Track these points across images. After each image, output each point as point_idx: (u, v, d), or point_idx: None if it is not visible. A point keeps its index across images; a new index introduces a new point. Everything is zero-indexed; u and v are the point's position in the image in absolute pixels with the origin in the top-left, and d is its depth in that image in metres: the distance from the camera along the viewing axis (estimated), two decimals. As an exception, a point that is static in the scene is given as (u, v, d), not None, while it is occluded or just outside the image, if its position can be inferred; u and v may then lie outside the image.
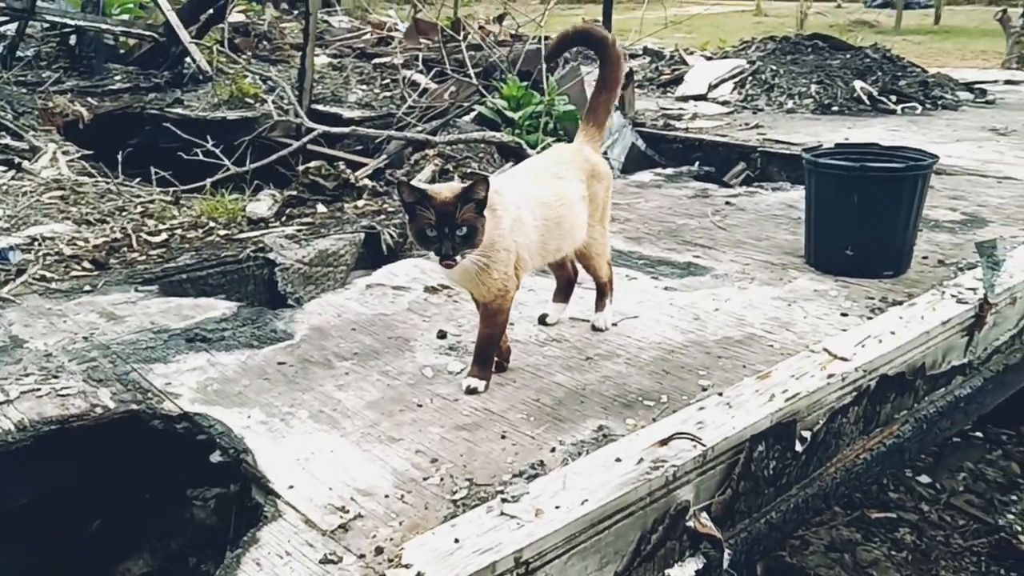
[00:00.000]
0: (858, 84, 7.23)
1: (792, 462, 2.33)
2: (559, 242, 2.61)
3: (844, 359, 2.54)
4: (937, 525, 4.44)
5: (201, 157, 5.37)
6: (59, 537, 2.99)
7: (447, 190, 2.23)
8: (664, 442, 2.11)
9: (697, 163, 5.64)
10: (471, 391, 2.47)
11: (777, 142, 5.71)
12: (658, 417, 2.32)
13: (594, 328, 2.91)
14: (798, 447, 2.33)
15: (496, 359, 2.57)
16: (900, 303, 3.01)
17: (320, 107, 7.24)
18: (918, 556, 4.20)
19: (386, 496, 2.01)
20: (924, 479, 4.79)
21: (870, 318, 2.92)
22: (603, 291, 2.93)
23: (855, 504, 4.55)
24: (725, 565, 2.08)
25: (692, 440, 2.10)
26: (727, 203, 4.55)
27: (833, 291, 3.20)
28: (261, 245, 3.70)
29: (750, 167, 5.53)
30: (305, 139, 5.80)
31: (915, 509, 4.56)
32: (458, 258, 2.24)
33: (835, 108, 7.12)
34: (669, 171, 5.47)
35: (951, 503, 4.60)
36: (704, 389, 2.48)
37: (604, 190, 2.76)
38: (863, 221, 3.28)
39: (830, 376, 2.44)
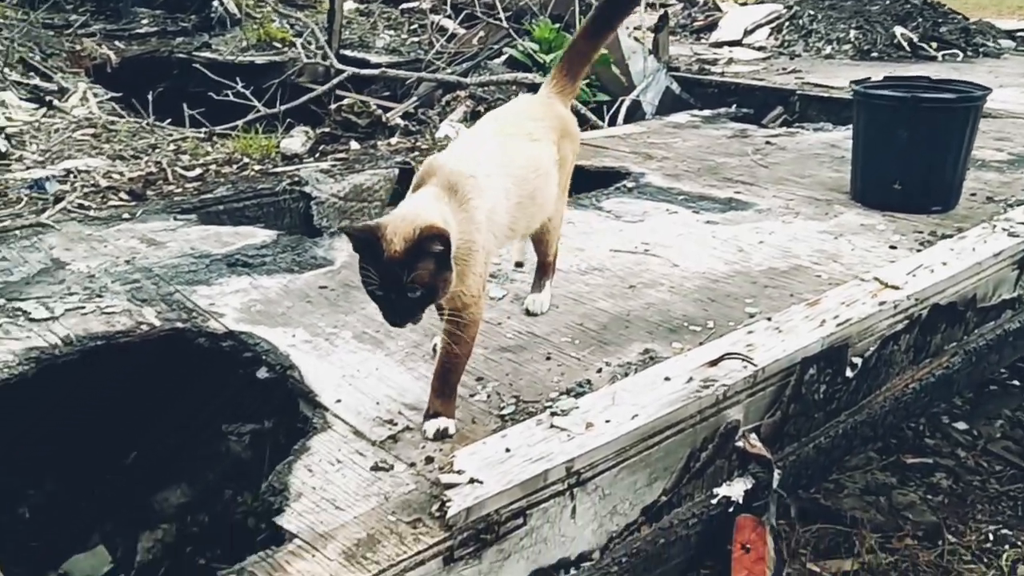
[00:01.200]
0: (898, 30, 7.06)
1: (842, 387, 2.29)
2: (528, 220, 2.17)
3: (895, 287, 2.49)
4: (974, 470, 4.40)
5: (231, 99, 5.34)
6: (97, 467, 3.02)
7: (400, 236, 1.68)
8: (714, 363, 2.08)
9: (734, 106, 5.54)
10: (441, 435, 1.89)
11: (816, 85, 5.59)
12: (705, 341, 2.28)
13: (528, 313, 2.48)
14: (848, 373, 2.29)
15: None
16: (950, 237, 2.94)
17: (348, 52, 7.17)
18: (954, 500, 4.16)
19: (434, 411, 1.99)
20: (961, 426, 4.74)
21: (919, 251, 2.86)
22: (546, 270, 2.51)
23: (891, 449, 4.51)
24: (775, 485, 2.05)
25: (743, 360, 2.06)
26: (767, 142, 4.47)
27: (881, 225, 3.13)
28: (296, 179, 3.67)
29: (788, 111, 5.42)
30: (335, 80, 5.75)
31: (951, 455, 4.51)
32: (410, 324, 1.81)
33: (874, 54, 6.96)
34: (706, 112, 5.38)
35: (988, 449, 4.55)
36: (751, 316, 2.44)
37: (573, 153, 2.36)
38: (913, 155, 3.20)
39: (882, 303, 2.39)
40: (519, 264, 2.77)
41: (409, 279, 1.70)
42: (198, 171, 4.01)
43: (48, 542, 2.71)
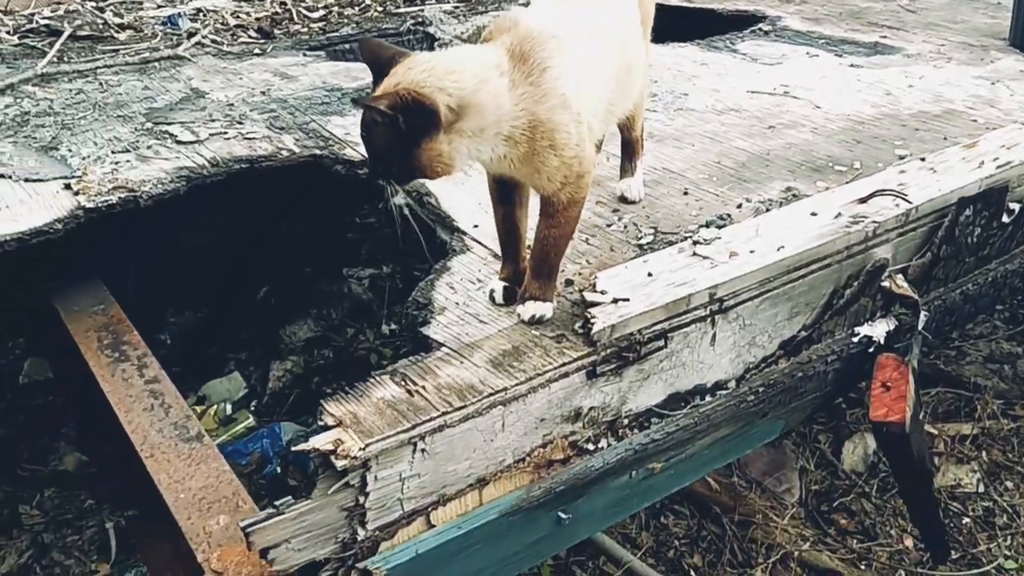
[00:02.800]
0: None
1: (997, 232, 2.18)
2: (624, 97, 1.83)
3: (1062, 132, 2.32)
4: (1109, 343, 4.20)
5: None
6: (233, 301, 3.18)
7: (381, 88, 1.45)
8: (864, 199, 2.00)
9: (876, -48, 5.13)
10: (535, 321, 1.69)
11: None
12: (851, 181, 2.19)
13: (624, 199, 2.15)
14: (1005, 218, 2.17)
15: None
16: (1124, 83, 2.71)
17: None
18: (1086, 371, 4.01)
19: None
20: (1099, 298, 4.51)
21: (1088, 98, 2.64)
22: (635, 148, 2.15)
23: (1018, 319, 4.34)
24: (920, 327, 2.00)
25: (897, 197, 1.97)
26: (915, -13, 4.15)
27: (1043, 71, 2.90)
28: (420, 19, 3.62)
29: (937, -43, 4.99)
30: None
31: (1086, 327, 4.32)
32: (390, 190, 1.63)
33: None
34: (847, -42, 5.01)
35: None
36: (901, 158, 2.32)
37: (651, 2, 1.99)
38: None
39: (1047, 147, 2.24)
40: None
41: (375, 139, 1.47)
42: (321, 12, 3.99)
43: (188, 367, 2.89)
